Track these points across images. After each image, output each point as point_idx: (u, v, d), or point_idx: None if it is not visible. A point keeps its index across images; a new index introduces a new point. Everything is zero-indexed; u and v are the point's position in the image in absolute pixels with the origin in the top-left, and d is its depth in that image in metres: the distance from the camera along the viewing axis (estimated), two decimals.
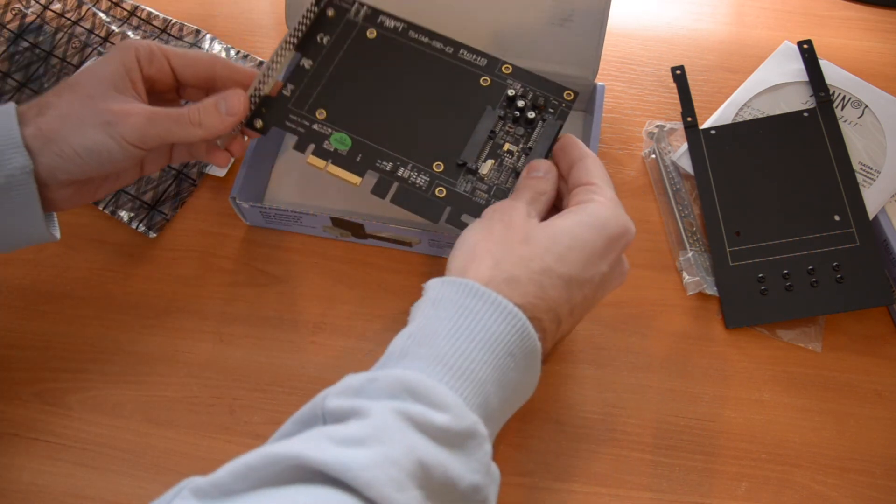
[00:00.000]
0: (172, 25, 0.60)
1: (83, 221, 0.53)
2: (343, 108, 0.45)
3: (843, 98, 0.53)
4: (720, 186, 0.52)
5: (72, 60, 0.57)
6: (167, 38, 0.59)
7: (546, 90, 0.44)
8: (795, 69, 0.55)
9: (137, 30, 0.60)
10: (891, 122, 0.52)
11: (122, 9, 0.61)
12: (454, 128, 0.43)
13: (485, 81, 0.44)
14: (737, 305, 0.48)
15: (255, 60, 0.59)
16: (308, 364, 0.47)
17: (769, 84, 0.55)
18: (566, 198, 0.40)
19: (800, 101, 0.54)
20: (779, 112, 0.53)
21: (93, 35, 0.58)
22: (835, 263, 0.48)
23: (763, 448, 0.44)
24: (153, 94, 0.43)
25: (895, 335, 0.48)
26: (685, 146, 0.54)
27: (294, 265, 0.51)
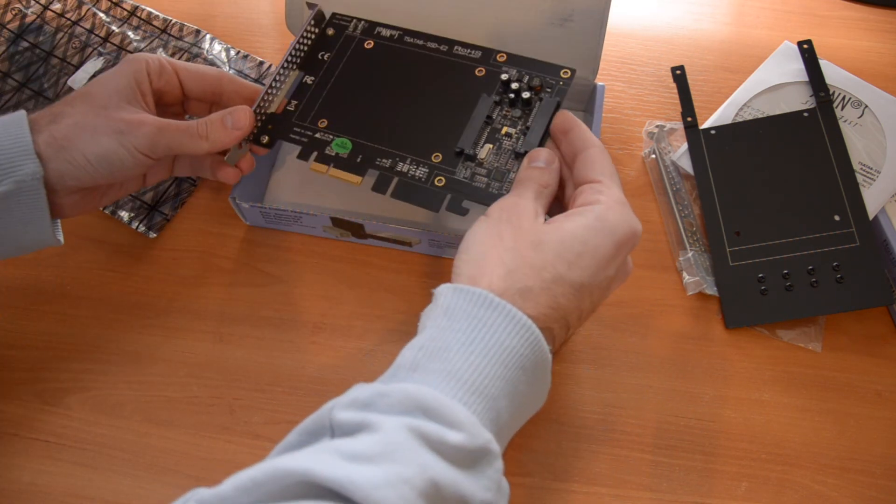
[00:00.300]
0: (172, 25, 0.60)
1: (83, 221, 0.53)
2: (344, 115, 0.45)
3: (843, 98, 0.53)
4: (720, 186, 0.52)
5: (72, 61, 0.57)
6: (167, 38, 0.59)
7: (542, 71, 0.44)
8: (795, 69, 0.55)
9: (137, 30, 0.60)
10: (891, 122, 0.52)
11: (122, 9, 0.61)
12: (451, 120, 0.44)
13: (480, 72, 0.45)
14: (737, 305, 0.48)
15: (255, 60, 0.59)
16: (308, 364, 0.47)
17: (769, 84, 0.55)
18: (568, 186, 0.39)
19: (800, 101, 0.54)
20: (779, 112, 0.53)
21: (93, 35, 0.58)
22: (835, 263, 0.48)
23: (763, 448, 0.44)
24: (160, 107, 0.45)
25: (895, 335, 0.48)
26: (685, 146, 0.54)
27: (294, 265, 0.51)
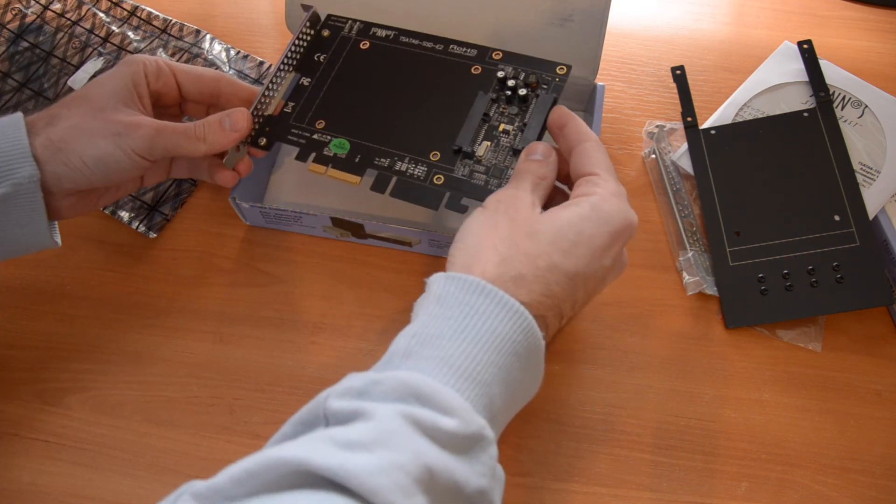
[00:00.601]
0: (172, 25, 0.60)
1: (83, 221, 0.53)
2: (341, 116, 0.45)
3: (843, 98, 0.53)
4: (720, 186, 0.52)
5: (72, 61, 0.57)
6: (167, 39, 0.59)
7: (538, 68, 0.44)
8: (795, 69, 0.55)
9: (137, 30, 0.60)
10: (891, 122, 0.52)
11: (122, 9, 0.61)
12: (449, 118, 0.44)
13: (476, 70, 0.45)
14: (737, 305, 0.48)
15: (256, 61, 0.59)
16: (308, 364, 0.47)
17: (769, 84, 0.55)
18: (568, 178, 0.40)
19: (800, 101, 0.54)
20: (779, 112, 0.53)
21: (93, 35, 0.58)
22: (835, 263, 0.48)
23: (763, 448, 0.44)
24: (157, 109, 0.45)
25: (895, 335, 0.48)
26: (685, 146, 0.54)
27: (294, 265, 0.51)
